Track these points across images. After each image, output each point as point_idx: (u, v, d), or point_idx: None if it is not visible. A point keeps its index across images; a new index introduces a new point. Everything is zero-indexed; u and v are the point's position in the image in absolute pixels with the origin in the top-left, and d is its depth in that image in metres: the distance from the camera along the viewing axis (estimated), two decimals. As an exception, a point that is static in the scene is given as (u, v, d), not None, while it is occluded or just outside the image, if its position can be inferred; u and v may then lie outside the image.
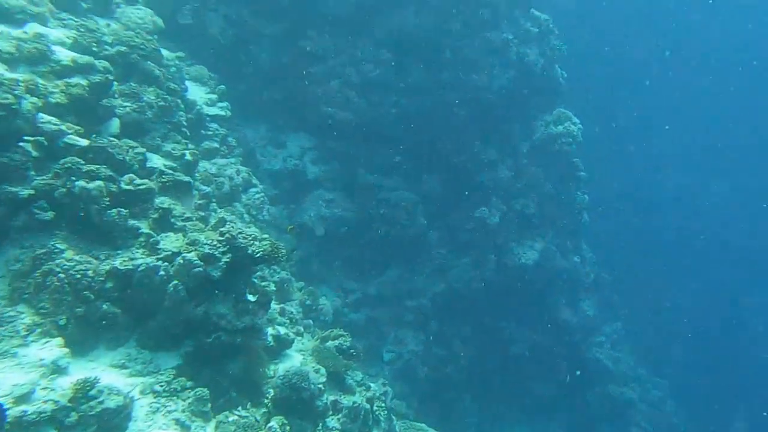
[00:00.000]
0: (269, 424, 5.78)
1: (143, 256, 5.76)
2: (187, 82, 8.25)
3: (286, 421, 6.09)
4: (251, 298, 6.87)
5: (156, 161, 6.51)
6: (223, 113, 8.81)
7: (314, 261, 12.31)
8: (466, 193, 14.11)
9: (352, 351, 8.51)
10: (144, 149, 6.26)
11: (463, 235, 14.16)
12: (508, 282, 14.75)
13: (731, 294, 22.72)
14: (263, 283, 8.11)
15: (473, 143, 13.69)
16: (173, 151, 6.71)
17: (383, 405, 9.25)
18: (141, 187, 5.88)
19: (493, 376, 15.26)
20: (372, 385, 8.97)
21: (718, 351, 21.97)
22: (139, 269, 5.65)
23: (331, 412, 7.42)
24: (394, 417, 10.05)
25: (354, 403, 7.76)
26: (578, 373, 16.43)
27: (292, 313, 9.12)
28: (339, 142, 12.74)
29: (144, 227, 5.93)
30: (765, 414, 19.14)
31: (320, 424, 7.08)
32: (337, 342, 8.53)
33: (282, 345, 7.82)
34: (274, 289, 8.92)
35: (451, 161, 13.71)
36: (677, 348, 21.01)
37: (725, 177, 25.32)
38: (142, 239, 5.85)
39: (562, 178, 15.02)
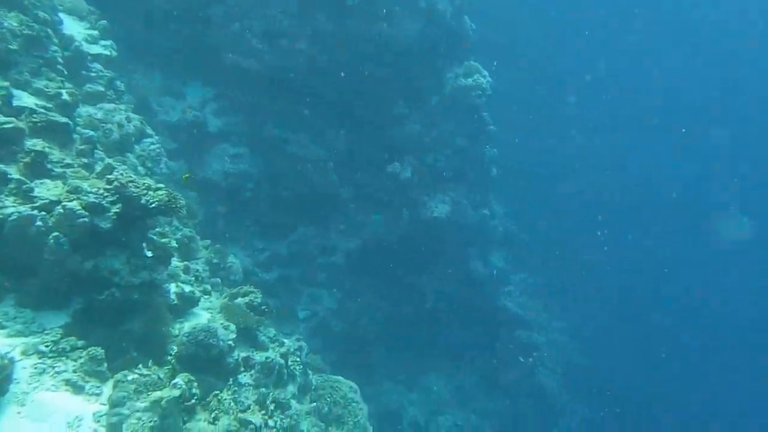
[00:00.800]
0: (174, 381, 5.40)
1: (14, 204, 5.05)
2: (60, 15, 7.24)
3: (192, 378, 5.73)
4: (149, 254, 6.34)
5: (25, 99, 5.69)
6: (107, 53, 7.86)
7: (221, 219, 11.71)
8: (377, 148, 13.97)
9: (263, 307, 8.20)
10: (7, 83, 5.43)
11: (375, 191, 14.08)
12: (422, 236, 14.94)
13: (630, 244, 24.56)
14: (163, 240, 7.54)
15: (383, 96, 13.48)
16: (46, 89, 5.89)
17: (298, 360, 9.06)
18: (6, 126, 5.10)
19: (408, 328, 15.56)
20: (286, 341, 8.75)
21: (616, 296, 23.86)
22: (11, 219, 4.96)
23: (243, 369, 7.14)
24: (310, 371, 9.91)
25: (267, 358, 7.52)
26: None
27: (197, 271, 8.61)
28: (243, 93, 12.03)
29: (14, 172, 5.19)
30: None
31: (231, 380, 6.79)
32: (247, 299, 8.17)
33: (187, 303, 7.36)
34: (176, 245, 8.35)
35: (361, 115, 13.45)
36: (579, 294, 22.53)
37: (630, 133, 26.90)
38: (12, 186, 5.13)
39: (472, 132, 15.21)
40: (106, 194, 5.56)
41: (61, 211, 5.23)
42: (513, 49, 24.65)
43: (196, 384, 5.69)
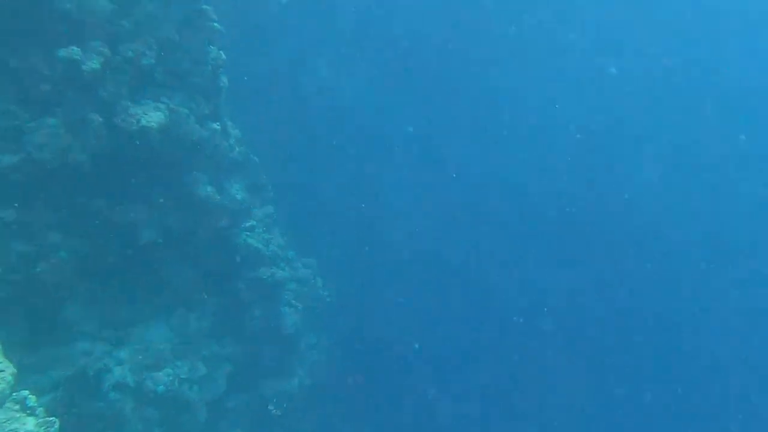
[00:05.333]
0: None
1: None
2: None
3: None
4: None
5: None
6: None
7: None
8: (45, 23, 10.11)
9: None
10: None
11: (43, 85, 10.25)
12: (126, 151, 11.68)
13: (368, 177, 24.41)
14: None
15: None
16: None
17: None
18: None
19: (114, 271, 12.34)
20: None
21: (357, 229, 23.59)
22: None
23: None
24: None
25: None
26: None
27: None
28: None
29: None
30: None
31: None
32: None
33: None
34: None
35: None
36: (323, 228, 21.65)
37: (363, 72, 26.35)
38: None
39: (188, 24, 12.29)
40: None
41: None
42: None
43: None
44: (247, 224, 16.99)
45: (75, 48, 10.20)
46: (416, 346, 21.74)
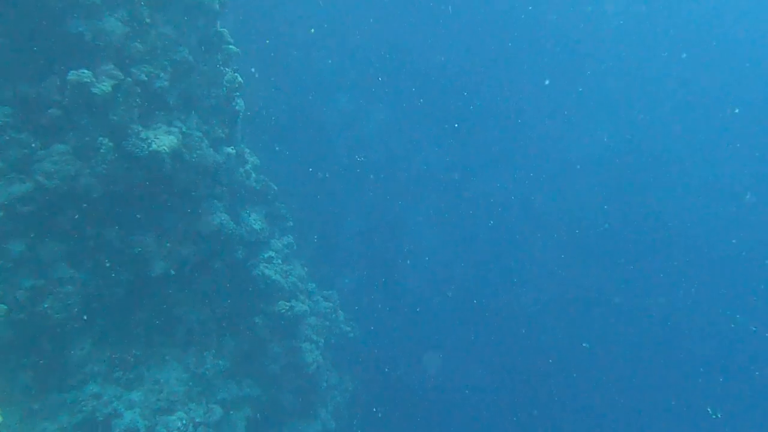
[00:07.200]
0: None
1: None
2: None
3: None
4: None
5: None
6: None
7: None
8: (56, 48, 9.62)
9: None
10: None
11: (51, 111, 9.69)
12: (137, 178, 11.02)
13: (391, 210, 23.66)
14: None
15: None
16: None
17: None
18: None
19: (124, 307, 11.54)
20: None
21: (379, 262, 22.69)
22: None
23: None
24: None
25: None
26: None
27: None
28: None
29: None
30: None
31: None
32: None
33: None
34: None
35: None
36: (344, 260, 20.80)
37: (385, 104, 25.96)
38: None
39: (204, 45, 11.81)
40: None
41: None
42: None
43: None
44: (266, 255, 16.20)
45: (85, 71, 9.67)
46: (441, 388, 20.55)
